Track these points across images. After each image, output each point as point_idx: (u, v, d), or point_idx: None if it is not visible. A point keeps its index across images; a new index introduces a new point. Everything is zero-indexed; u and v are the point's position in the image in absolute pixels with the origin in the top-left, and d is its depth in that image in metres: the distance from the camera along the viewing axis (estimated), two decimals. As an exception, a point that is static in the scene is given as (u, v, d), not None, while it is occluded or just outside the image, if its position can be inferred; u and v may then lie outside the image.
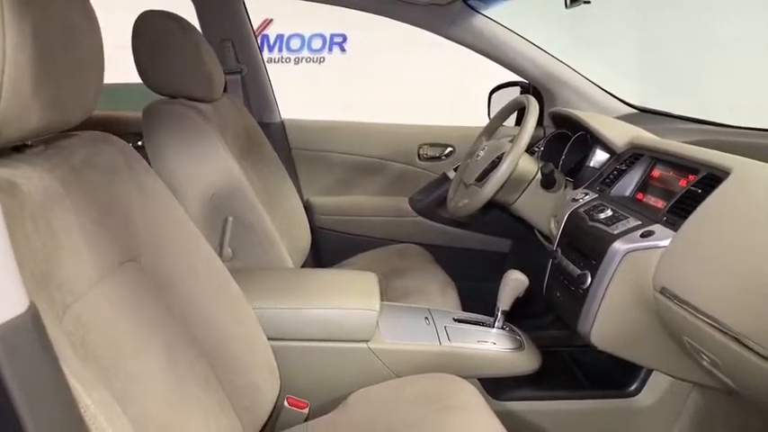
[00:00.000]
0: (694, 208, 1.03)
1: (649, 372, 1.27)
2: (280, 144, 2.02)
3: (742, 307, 0.86)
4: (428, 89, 4.21)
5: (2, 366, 0.37)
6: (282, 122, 2.08)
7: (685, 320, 0.96)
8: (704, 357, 0.97)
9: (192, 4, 1.89)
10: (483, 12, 1.81)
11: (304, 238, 1.83)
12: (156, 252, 0.91)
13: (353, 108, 4.27)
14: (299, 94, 2.24)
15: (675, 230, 1.04)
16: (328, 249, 2.05)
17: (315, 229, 1.99)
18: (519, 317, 1.37)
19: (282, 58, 4.82)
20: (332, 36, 4.80)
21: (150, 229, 0.91)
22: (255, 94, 2.00)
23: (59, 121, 0.74)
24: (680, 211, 1.08)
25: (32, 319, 0.41)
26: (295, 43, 4.83)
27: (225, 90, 1.62)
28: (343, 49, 4.84)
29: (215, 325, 0.99)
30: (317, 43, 4.83)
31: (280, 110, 2.10)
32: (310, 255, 1.91)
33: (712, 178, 1.07)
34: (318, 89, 4.42)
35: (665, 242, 1.04)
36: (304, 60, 4.87)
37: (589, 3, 1.22)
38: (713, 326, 0.89)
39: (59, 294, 0.67)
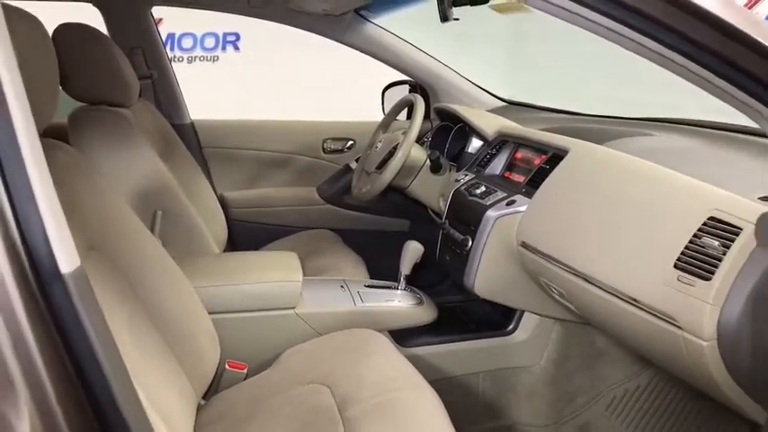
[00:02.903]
0: (544, 180, 1.34)
1: (522, 314, 1.59)
2: (191, 144, 2.15)
3: (577, 250, 1.17)
4: (323, 85, 4.34)
5: (79, 307, 0.55)
6: (192, 123, 2.20)
7: (540, 265, 1.27)
8: (554, 291, 1.29)
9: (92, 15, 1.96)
10: (373, 20, 2.05)
11: (221, 230, 1.98)
12: (111, 241, 1.06)
13: (250, 105, 4.34)
14: (193, 93, 2.32)
15: (530, 198, 1.35)
16: (245, 240, 2.21)
17: (230, 222, 2.14)
18: (421, 287, 1.63)
19: (175, 57, 4.75)
20: (225, 35, 4.81)
21: (104, 222, 1.06)
22: (166, 98, 2.12)
23: None
24: (534, 183, 1.39)
25: (83, 271, 0.58)
26: (187, 42, 4.78)
27: (139, 95, 1.74)
28: (236, 48, 4.87)
29: (162, 301, 1.14)
30: (209, 42, 4.82)
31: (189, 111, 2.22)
32: (228, 246, 2.06)
33: (557, 157, 1.39)
34: (213, 88, 4.41)
35: (524, 207, 1.35)
36: (197, 59, 4.83)
37: (458, 20, 1.49)
38: (559, 266, 1.20)
39: None
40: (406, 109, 2.11)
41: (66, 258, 0.54)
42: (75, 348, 0.55)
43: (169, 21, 4.57)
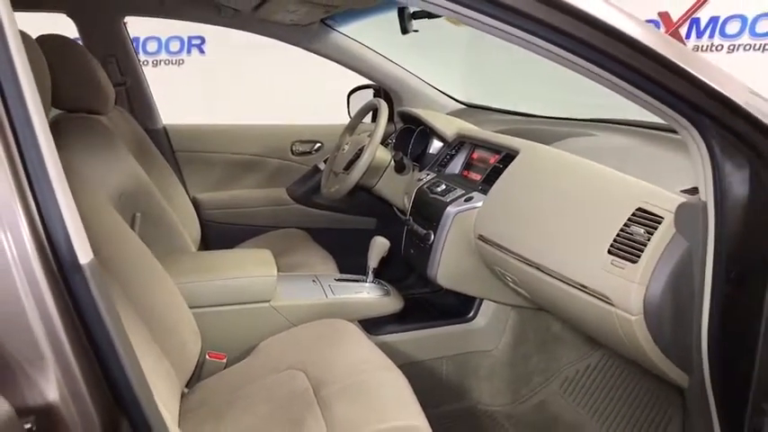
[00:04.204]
0: (498, 178, 1.48)
1: (480, 302, 1.72)
2: (164, 148, 2.22)
3: (528, 241, 1.30)
4: (289, 88, 4.39)
5: (95, 293, 0.64)
6: (165, 128, 2.27)
7: (495, 255, 1.39)
8: (509, 279, 1.42)
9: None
10: (338, 29, 2.16)
11: (195, 231, 2.05)
12: (100, 242, 1.12)
13: (216, 108, 4.37)
14: (160, 96, 2.37)
15: (486, 195, 1.48)
16: (218, 240, 2.29)
17: (203, 224, 2.21)
18: (389, 281, 1.74)
19: (140, 61, 4.75)
20: (190, 38, 4.82)
21: (94, 224, 1.14)
22: (139, 104, 2.18)
23: None
24: (490, 181, 1.52)
25: (96, 262, 0.68)
26: (152, 46, 4.78)
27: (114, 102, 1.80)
28: (202, 51, 4.88)
29: (147, 297, 1.22)
30: (174, 45, 4.82)
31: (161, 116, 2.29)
32: (202, 247, 2.14)
33: (509, 156, 1.52)
34: (179, 91, 4.42)
35: (480, 203, 1.48)
36: (162, 63, 4.83)
37: (417, 31, 1.61)
38: (512, 256, 1.33)
39: None
40: (371, 112, 2.22)
41: (83, 251, 0.64)
42: (92, 327, 0.65)
43: (134, 25, 4.57)
